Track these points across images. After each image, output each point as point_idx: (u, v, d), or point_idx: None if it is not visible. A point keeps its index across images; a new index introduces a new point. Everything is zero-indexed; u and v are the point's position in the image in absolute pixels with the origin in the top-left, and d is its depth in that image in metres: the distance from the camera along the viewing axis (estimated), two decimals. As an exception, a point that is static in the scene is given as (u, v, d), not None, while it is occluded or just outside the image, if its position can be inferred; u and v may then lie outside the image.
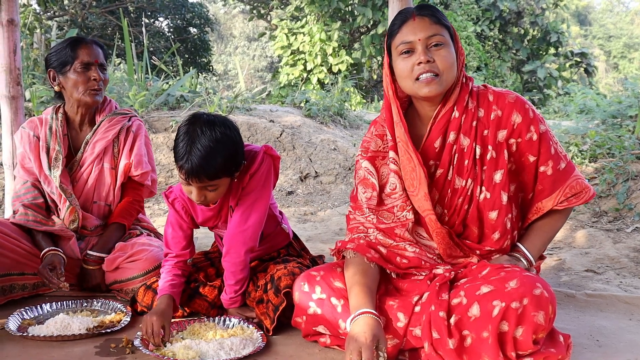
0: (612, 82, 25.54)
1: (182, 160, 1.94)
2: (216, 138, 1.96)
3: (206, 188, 2.00)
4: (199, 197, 2.01)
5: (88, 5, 13.33)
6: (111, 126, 2.64)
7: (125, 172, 2.66)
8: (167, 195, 2.24)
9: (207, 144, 1.94)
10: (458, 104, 1.90)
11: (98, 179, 2.63)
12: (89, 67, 2.53)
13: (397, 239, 1.95)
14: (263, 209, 2.15)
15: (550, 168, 1.91)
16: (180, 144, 1.97)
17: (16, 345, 1.96)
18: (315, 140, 6.22)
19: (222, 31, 29.30)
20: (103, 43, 2.70)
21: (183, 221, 2.22)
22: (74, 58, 2.51)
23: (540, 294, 1.65)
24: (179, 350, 1.85)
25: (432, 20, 1.84)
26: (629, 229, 3.60)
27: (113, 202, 2.69)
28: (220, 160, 1.96)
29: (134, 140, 2.68)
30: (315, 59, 13.89)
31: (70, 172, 2.62)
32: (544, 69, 14.99)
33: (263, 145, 2.19)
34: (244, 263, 2.14)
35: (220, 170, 1.97)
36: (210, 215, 2.21)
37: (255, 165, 2.12)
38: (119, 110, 2.72)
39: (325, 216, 4.76)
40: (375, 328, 1.69)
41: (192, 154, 1.93)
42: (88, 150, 2.62)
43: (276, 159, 2.21)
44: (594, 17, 35.17)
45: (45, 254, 2.43)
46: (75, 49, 2.52)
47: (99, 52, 2.57)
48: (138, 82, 7.06)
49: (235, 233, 2.13)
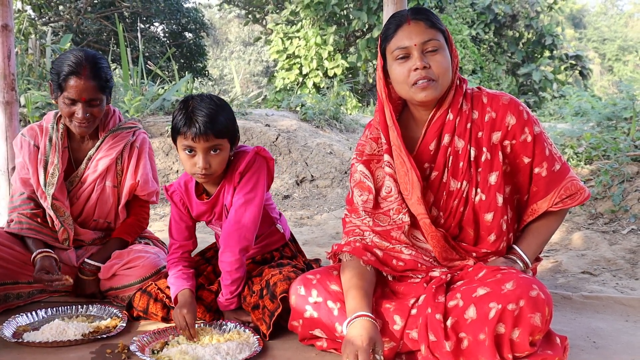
0: (607, 84, 25.62)
1: (187, 125, 2.02)
2: (216, 102, 2.08)
3: (212, 149, 2.06)
4: (205, 162, 2.06)
5: (83, 11, 13.31)
6: (114, 143, 2.56)
7: (130, 192, 2.61)
8: (167, 188, 2.29)
9: (209, 106, 2.05)
10: (452, 107, 1.90)
11: (100, 197, 2.57)
12: (75, 103, 2.37)
13: (393, 241, 1.95)
14: (256, 209, 2.16)
15: (545, 169, 1.91)
16: (180, 114, 2.05)
17: (11, 351, 1.95)
18: (311, 144, 6.22)
19: (217, 36, 29.29)
20: (98, 48, 2.63)
21: (182, 212, 2.28)
22: (62, 89, 2.35)
23: (536, 295, 1.65)
24: (175, 355, 1.84)
25: (427, 25, 1.84)
26: (625, 230, 3.61)
27: (114, 220, 2.65)
28: (224, 119, 2.06)
29: (139, 158, 2.60)
30: (311, 63, 13.90)
31: (70, 186, 2.55)
32: (539, 72, 15.05)
33: (255, 146, 2.23)
34: (240, 262, 2.15)
35: (225, 127, 2.07)
36: (203, 209, 2.25)
37: (245, 164, 2.15)
38: (122, 124, 2.62)
39: (321, 220, 4.75)
40: (371, 331, 1.68)
41: (196, 116, 2.02)
42: (90, 168, 2.54)
43: (269, 160, 2.24)
44: (589, 20, 35.32)
45: (36, 257, 2.38)
46: (66, 80, 2.34)
47: (89, 87, 2.34)
48: (133, 87, 7.06)
49: (230, 232, 2.14)
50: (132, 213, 2.68)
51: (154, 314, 2.22)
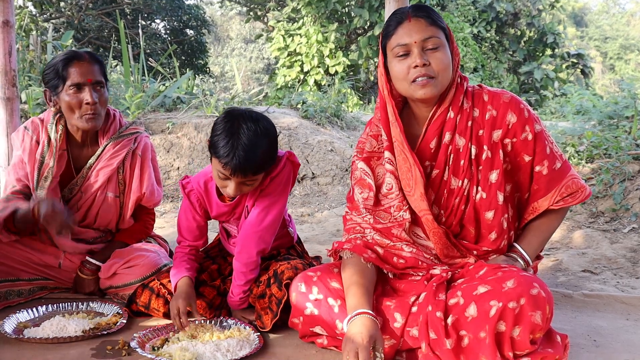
0: (609, 83, 25.60)
1: (228, 157, 1.91)
2: (261, 132, 1.96)
3: (246, 183, 2.01)
4: (237, 191, 2.01)
5: (84, 7, 13.31)
6: (116, 152, 2.47)
7: (135, 204, 2.56)
8: (184, 185, 2.23)
9: (253, 139, 1.94)
10: (453, 105, 1.90)
11: (101, 208, 2.51)
12: (82, 88, 2.31)
13: (394, 239, 1.95)
14: (279, 213, 2.15)
15: (545, 168, 1.91)
16: (224, 140, 1.93)
17: (12, 347, 1.95)
18: (312, 142, 6.22)
19: (218, 33, 29.29)
20: (99, 45, 2.61)
21: (196, 213, 2.24)
22: (65, 79, 2.29)
23: (537, 293, 1.65)
24: (176, 352, 1.84)
25: (427, 22, 1.83)
26: (626, 229, 3.61)
27: (115, 227, 2.61)
28: (265, 155, 1.99)
29: (142, 168, 2.53)
30: (312, 61, 13.88)
31: (70, 194, 2.48)
32: (540, 70, 15.02)
33: (286, 151, 2.19)
34: (255, 264, 2.15)
35: (264, 164, 2.00)
36: (225, 210, 2.22)
37: (278, 169, 2.12)
38: (124, 130, 2.52)
39: (322, 217, 4.75)
40: (372, 329, 1.68)
41: (239, 150, 1.91)
42: (91, 178, 2.47)
43: (296, 165, 2.21)
44: (590, 18, 35.27)
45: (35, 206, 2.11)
46: (67, 68, 2.29)
47: (92, 69, 2.33)
48: (135, 84, 7.06)
49: (250, 233, 2.12)
50: (138, 220, 2.66)
51: (155, 310, 2.22)
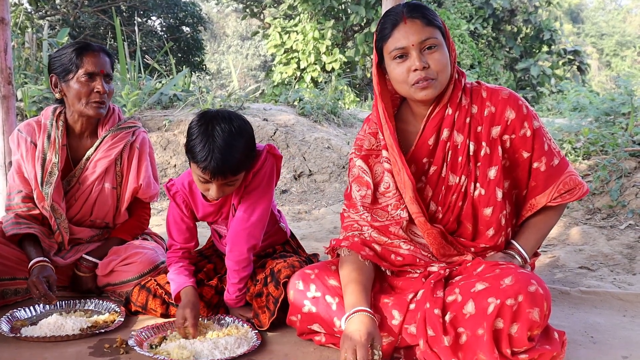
0: (605, 79, 25.61)
1: (206, 161, 1.89)
2: (235, 132, 1.95)
3: (227, 184, 1.99)
4: (219, 193, 2.00)
5: (80, 5, 13.26)
6: (114, 144, 2.50)
7: (132, 196, 2.58)
8: (168, 188, 2.22)
9: (229, 140, 1.92)
10: (451, 101, 1.90)
11: (98, 199, 2.52)
12: (94, 77, 2.37)
13: (391, 236, 1.95)
14: (266, 208, 2.15)
15: (543, 164, 1.91)
16: (200, 144, 1.91)
17: (9, 346, 1.95)
18: (309, 139, 6.21)
19: (215, 30, 29.21)
20: (95, 43, 2.61)
21: (184, 214, 2.22)
22: (79, 66, 2.35)
23: (535, 290, 1.65)
24: (174, 350, 1.84)
25: (423, 23, 1.82)
26: (622, 225, 3.62)
27: (112, 220, 2.61)
28: (243, 154, 1.97)
29: (140, 160, 2.56)
30: (309, 58, 13.85)
31: (67, 186, 2.49)
32: (537, 67, 15.01)
33: (266, 144, 2.18)
34: (247, 261, 2.14)
35: (242, 164, 1.99)
36: (211, 210, 2.21)
37: (259, 164, 2.12)
38: (122, 123, 2.56)
39: (319, 215, 4.75)
40: (370, 326, 1.68)
41: (216, 153, 1.89)
42: (89, 169, 2.49)
43: (278, 158, 2.20)
44: (587, 15, 35.27)
45: (33, 266, 2.30)
46: (81, 56, 2.36)
47: (105, 62, 2.41)
48: (131, 82, 7.04)
49: (238, 231, 2.12)
50: (133, 214, 2.66)
51: (152, 310, 2.22)
